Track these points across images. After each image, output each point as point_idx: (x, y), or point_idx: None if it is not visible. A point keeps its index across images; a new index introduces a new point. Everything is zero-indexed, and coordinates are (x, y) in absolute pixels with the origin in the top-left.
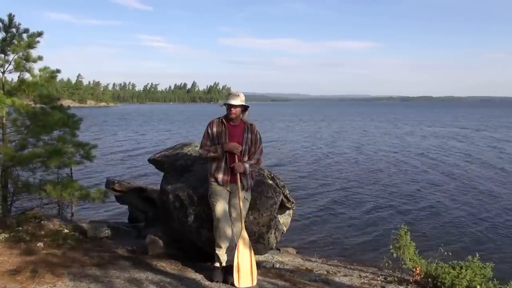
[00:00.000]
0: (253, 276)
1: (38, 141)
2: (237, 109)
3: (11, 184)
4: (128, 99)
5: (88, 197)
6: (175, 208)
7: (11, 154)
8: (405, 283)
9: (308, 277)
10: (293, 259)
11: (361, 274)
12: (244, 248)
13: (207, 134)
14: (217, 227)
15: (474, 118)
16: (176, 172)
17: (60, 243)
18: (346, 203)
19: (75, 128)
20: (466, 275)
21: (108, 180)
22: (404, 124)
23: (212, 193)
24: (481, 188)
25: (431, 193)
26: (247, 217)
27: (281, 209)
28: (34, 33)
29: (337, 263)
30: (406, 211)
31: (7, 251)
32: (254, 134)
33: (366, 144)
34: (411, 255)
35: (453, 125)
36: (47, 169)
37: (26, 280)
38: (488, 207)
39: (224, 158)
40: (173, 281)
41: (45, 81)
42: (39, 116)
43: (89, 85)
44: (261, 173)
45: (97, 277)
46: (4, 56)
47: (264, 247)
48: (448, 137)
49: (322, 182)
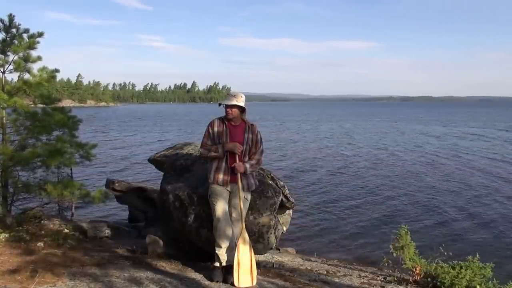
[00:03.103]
0: (253, 276)
1: (38, 141)
2: (233, 109)
3: (11, 184)
4: (128, 99)
5: (88, 196)
6: (175, 208)
7: (11, 154)
8: (405, 283)
9: (308, 277)
10: (293, 259)
11: (361, 274)
12: (244, 248)
13: (208, 134)
14: (217, 227)
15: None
16: (176, 172)
17: (60, 243)
18: (347, 203)
19: (74, 129)
20: (466, 275)
21: (108, 180)
22: (406, 124)
23: (212, 193)
24: (482, 188)
25: (432, 193)
26: (247, 217)
27: (281, 209)
28: (35, 34)
29: (337, 263)
30: (407, 211)
31: (7, 251)
32: (255, 134)
33: (367, 144)
34: (411, 255)
35: (468, 124)
36: (47, 169)
37: (26, 279)
38: (488, 208)
39: (224, 158)
40: (173, 280)
41: (46, 81)
42: (40, 116)
43: (89, 85)
44: (261, 173)
45: (97, 277)
46: (4, 57)
47: (264, 247)
48: (448, 137)
49: (322, 182)
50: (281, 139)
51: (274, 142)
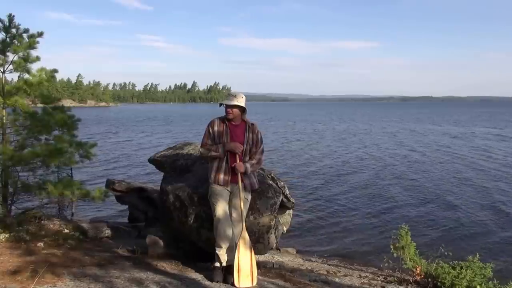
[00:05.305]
0: (253, 276)
1: (38, 140)
2: (234, 109)
3: (11, 184)
4: (128, 99)
5: (89, 196)
6: (175, 208)
7: (11, 153)
8: (405, 283)
9: (308, 277)
10: (293, 259)
11: (361, 274)
12: (244, 248)
13: (208, 133)
14: (217, 227)
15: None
16: (176, 172)
17: (60, 243)
18: (347, 203)
19: (74, 128)
20: (466, 275)
21: (108, 180)
22: (408, 123)
23: (213, 193)
24: (483, 188)
25: (432, 193)
26: (247, 217)
27: (281, 209)
28: (35, 34)
29: (337, 263)
30: (407, 211)
31: (7, 251)
32: (255, 134)
33: (366, 144)
34: (411, 255)
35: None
36: (47, 168)
37: (26, 280)
38: (488, 208)
39: (225, 158)
40: (173, 281)
41: (46, 81)
42: (40, 116)
43: (89, 85)
44: (262, 173)
45: (97, 277)
46: (4, 57)
47: (264, 247)
48: (449, 136)
49: (323, 182)
50: (283, 140)
51: (276, 142)
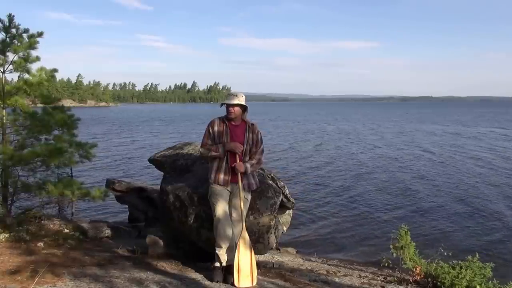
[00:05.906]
0: (253, 276)
1: (38, 140)
2: (235, 108)
3: (11, 184)
4: (128, 99)
5: (89, 196)
6: (175, 208)
7: (11, 153)
8: (405, 283)
9: (308, 277)
10: (293, 259)
11: (361, 274)
12: (244, 248)
13: (208, 133)
14: (217, 227)
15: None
16: (176, 172)
17: (60, 243)
18: (347, 203)
19: (74, 128)
20: (466, 275)
21: (108, 180)
22: (409, 123)
23: (213, 193)
24: (483, 189)
25: (432, 193)
26: (247, 217)
27: (281, 209)
28: (34, 34)
29: (337, 263)
30: (407, 211)
31: (7, 251)
32: (255, 134)
33: (367, 144)
34: (411, 255)
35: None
36: (47, 168)
37: (26, 280)
38: (489, 208)
39: (225, 158)
40: (173, 281)
41: (46, 80)
42: (40, 116)
43: (89, 85)
44: (262, 173)
45: (97, 277)
46: (4, 57)
47: (264, 247)
48: (450, 135)
49: (323, 182)
50: (283, 140)
51: (276, 142)
